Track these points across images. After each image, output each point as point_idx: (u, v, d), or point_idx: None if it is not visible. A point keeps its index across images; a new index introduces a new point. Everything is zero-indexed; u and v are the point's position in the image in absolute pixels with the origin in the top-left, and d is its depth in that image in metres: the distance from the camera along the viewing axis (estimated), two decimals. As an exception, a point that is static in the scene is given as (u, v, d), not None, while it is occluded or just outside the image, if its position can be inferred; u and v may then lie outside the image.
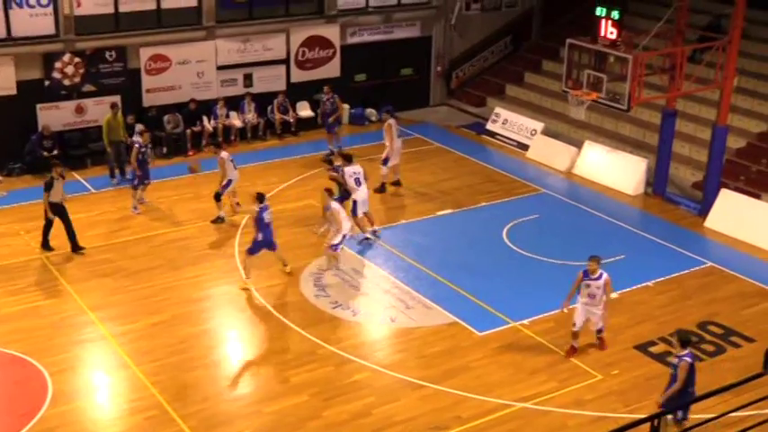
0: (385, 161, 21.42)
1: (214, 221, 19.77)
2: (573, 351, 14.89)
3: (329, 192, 17.59)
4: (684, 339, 12.07)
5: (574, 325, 14.74)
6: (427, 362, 14.74)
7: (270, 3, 25.76)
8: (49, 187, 17.92)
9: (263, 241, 16.95)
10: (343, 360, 14.65)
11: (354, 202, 18.79)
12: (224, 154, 19.68)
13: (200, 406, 13.45)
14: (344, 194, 19.00)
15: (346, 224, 17.41)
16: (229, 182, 19.69)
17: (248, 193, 21.28)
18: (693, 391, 11.94)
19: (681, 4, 20.20)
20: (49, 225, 18.10)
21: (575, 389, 14.03)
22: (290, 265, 17.60)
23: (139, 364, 14.48)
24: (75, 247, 18.24)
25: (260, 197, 16.93)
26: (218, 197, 19.67)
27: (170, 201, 20.81)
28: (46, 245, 18.24)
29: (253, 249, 17.00)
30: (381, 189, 21.51)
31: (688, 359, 11.90)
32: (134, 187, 20.27)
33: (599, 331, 14.96)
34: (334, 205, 17.38)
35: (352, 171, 18.80)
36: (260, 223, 16.82)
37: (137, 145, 19.93)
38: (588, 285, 14.45)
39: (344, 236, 17.41)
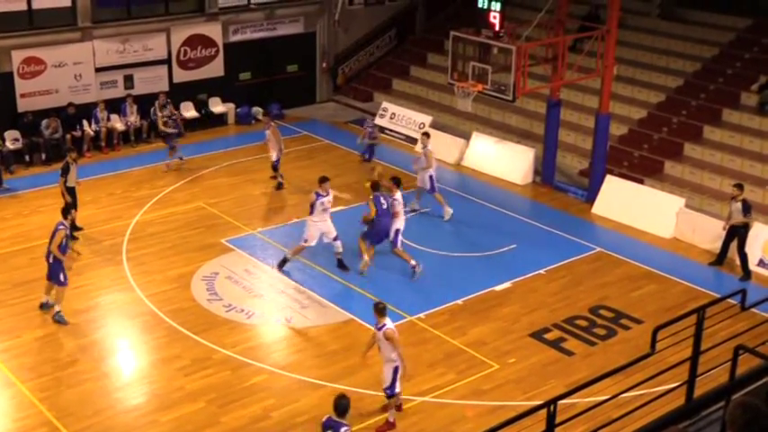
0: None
1: (277, 188, 21.66)
2: None
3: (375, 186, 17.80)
4: None
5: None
6: (325, 361, 14.59)
7: (149, 1, 25.09)
8: (65, 172, 18.28)
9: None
10: (240, 364, 14.36)
11: (396, 231, 17.41)
12: (273, 124, 21.71)
13: (92, 420, 12.95)
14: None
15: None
16: (280, 150, 21.53)
17: (133, 198, 20.86)
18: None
19: (560, -5, 20.59)
20: (68, 208, 16.74)
21: (473, 379, 14.09)
22: (180, 270, 17.21)
23: (25, 380, 13.83)
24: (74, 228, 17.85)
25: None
26: (274, 167, 21.65)
27: (51, 209, 19.98)
28: (73, 228, 17.49)
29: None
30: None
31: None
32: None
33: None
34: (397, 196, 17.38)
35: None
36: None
37: (61, 227, 15.80)
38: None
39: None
